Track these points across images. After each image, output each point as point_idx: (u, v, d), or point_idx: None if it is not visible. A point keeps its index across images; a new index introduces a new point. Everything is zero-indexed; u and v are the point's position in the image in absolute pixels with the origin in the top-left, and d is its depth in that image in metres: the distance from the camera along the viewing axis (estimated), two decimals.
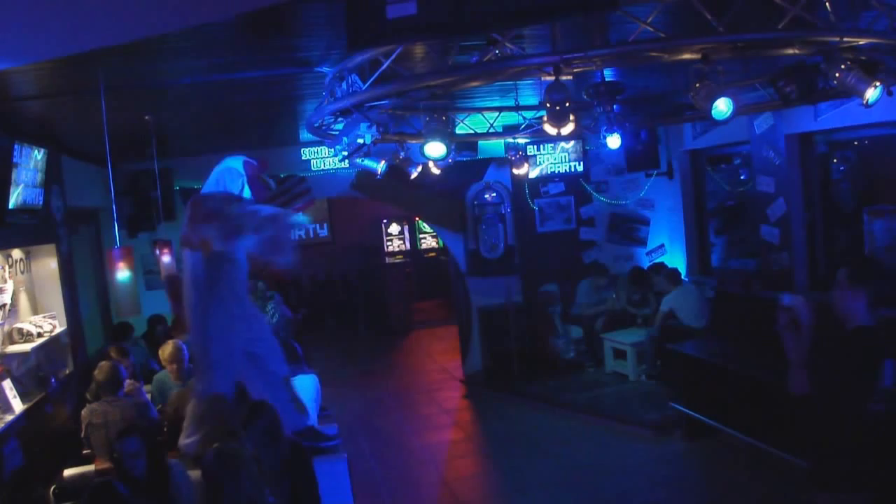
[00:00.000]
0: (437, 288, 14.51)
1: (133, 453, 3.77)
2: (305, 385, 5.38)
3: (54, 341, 5.62)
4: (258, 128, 7.59)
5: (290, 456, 3.87)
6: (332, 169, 9.10)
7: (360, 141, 4.58)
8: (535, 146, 9.15)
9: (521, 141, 8.23)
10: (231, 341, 4.16)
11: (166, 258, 6.71)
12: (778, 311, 3.45)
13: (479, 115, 7.04)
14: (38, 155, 5.29)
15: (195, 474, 4.04)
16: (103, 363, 5.10)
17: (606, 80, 5.14)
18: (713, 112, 4.20)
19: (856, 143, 7.19)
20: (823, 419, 3.32)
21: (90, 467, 4.62)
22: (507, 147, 8.19)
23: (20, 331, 5.27)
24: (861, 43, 4.23)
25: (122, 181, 7.96)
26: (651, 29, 3.75)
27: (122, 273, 4.84)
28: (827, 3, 3.90)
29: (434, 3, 2.81)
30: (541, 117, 5.92)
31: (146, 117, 5.79)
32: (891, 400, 3.20)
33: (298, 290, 14.44)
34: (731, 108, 4.21)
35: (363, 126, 4.50)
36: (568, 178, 9.52)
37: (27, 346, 5.19)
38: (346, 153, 4.78)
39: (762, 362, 5.94)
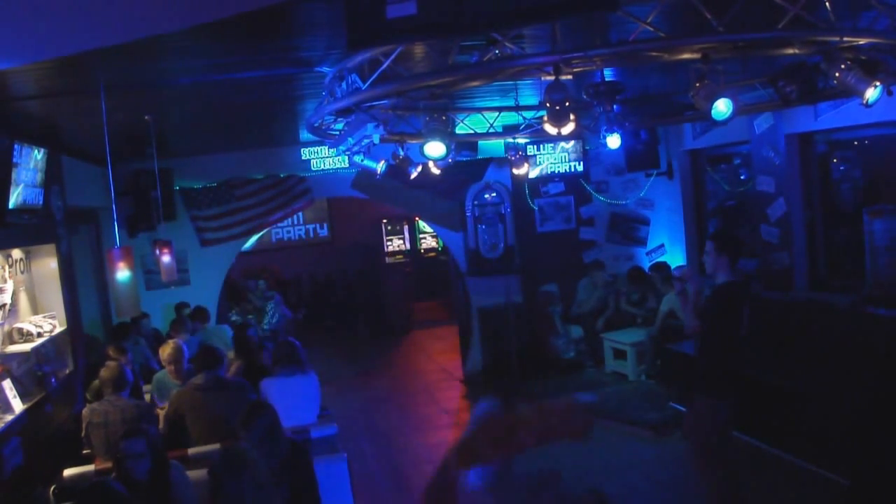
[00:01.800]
0: (437, 288, 14.52)
1: (137, 454, 3.70)
2: (306, 385, 5.38)
3: (54, 341, 5.62)
4: (258, 128, 7.59)
5: (290, 456, 3.87)
6: (332, 169, 9.11)
7: (367, 141, 4.58)
8: (535, 146, 9.15)
9: (521, 141, 8.23)
10: None
11: (166, 258, 6.71)
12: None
13: (479, 115, 7.04)
14: (38, 155, 5.29)
15: (195, 475, 4.04)
16: (111, 362, 5.10)
17: (606, 80, 5.14)
18: (713, 112, 4.19)
19: (856, 143, 7.19)
20: (703, 345, 4.53)
21: (90, 467, 4.61)
22: (507, 147, 8.19)
23: (20, 331, 5.27)
24: (861, 43, 4.24)
25: (122, 181, 7.96)
26: (651, 29, 3.75)
27: (122, 273, 4.84)
28: (827, 3, 3.90)
29: (434, 3, 2.80)
30: (541, 117, 5.91)
31: (146, 117, 5.79)
32: (746, 331, 4.43)
33: (298, 290, 14.46)
34: (731, 108, 4.20)
35: (370, 126, 4.50)
36: (568, 178, 9.52)
37: (27, 346, 5.18)
38: (350, 153, 4.78)
39: (761, 362, 5.95)
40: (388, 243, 15.42)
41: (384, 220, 15.30)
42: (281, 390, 5.14)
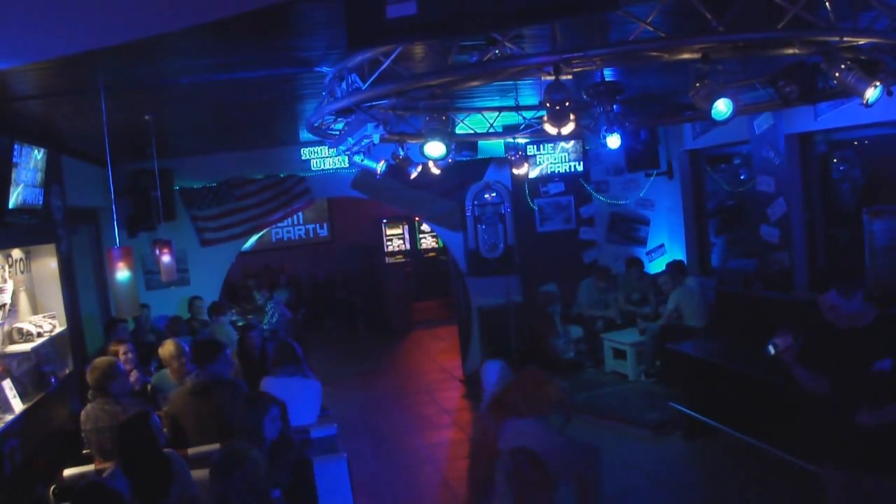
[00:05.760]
0: (437, 288, 14.51)
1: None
2: (306, 387, 5.36)
3: (54, 341, 5.61)
4: (258, 128, 7.59)
5: (295, 462, 3.87)
6: (332, 169, 9.12)
7: (367, 141, 4.59)
8: (535, 146, 9.16)
9: (521, 141, 8.23)
10: None
11: (166, 258, 6.71)
12: (778, 356, 3.77)
13: (479, 115, 7.04)
14: (38, 155, 5.29)
15: (195, 475, 4.04)
16: (96, 361, 5.00)
17: (606, 80, 5.14)
18: (713, 112, 4.19)
19: (856, 143, 7.18)
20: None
21: (90, 467, 4.61)
22: (507, 147, 8.20)
23: (20, 330, 5.26)
24: (861, 43, 4.23)
25: (122, 181, 7.97)
26: (651, 29, 3.75)
27: (122, 273, 4.83)
28: (827, 3, 3.90)
29: (434, 3, 2.80)
30: (541, 117, 5.92)
31: (146, 117, 5.79)
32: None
33: (298, 290, 14.46)
34: (731, 108, 4.20)
35: (370, 126, 4.50)
36: (568, 178, 9.53)
37: (27, 346, 5.18)
38: (350, 153, 4.78)
39: (762, 362, 5.94)
40: (388, 243, 15.42)
41: (384, 220, 15.30)
42: (281, 390, 5.13)
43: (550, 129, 4.25)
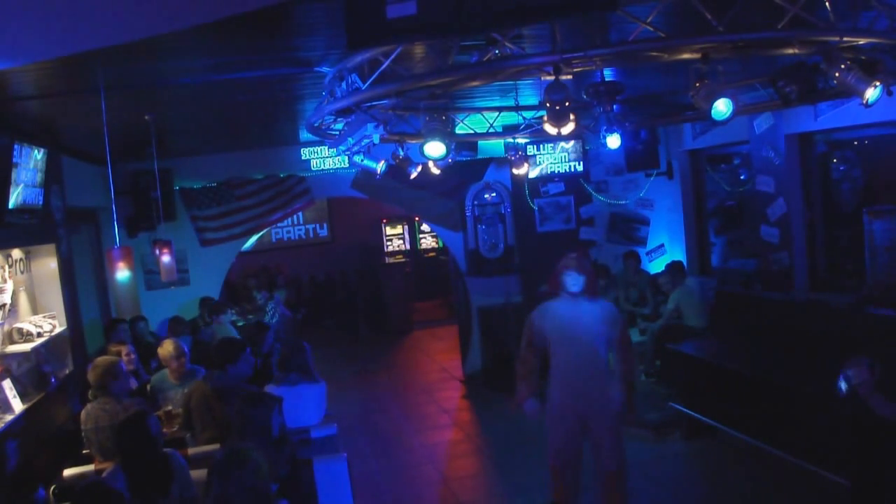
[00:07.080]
0: (437, 288, 14.52)
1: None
2: (311, 393, 5.32)
3: (54, 341, 5.61)
4: (258, 128, 7.59)
5: (288, 455, 3.87)
6: (332, 169, 9.11)
7: (367, 141, 4.59)
8: (535, 146, 9.15)
9: (521, 141, 8.22)
10: None
11: (166, 258, 6.71)
12: (854, 389, 3.65)
13: (479, 115, 7.04)
14: (38, 155, 5.29)
15: (195, 475, 4.04)
16: (97, 360, 4.99)
17: (606, 80, 5.14)
18: (713, 112, 4.19)
19: (856, 143, 7.19)
20: None
21: (90, 467, 4.61)
22: (507, 147, 8.19)
23: (20, 331, 5.26)
24: (861, 43, 4.24)
25: (122, 181, 7.97)
26: (651, 29, 3.75)
27: (122, 273, 4.84)
28: (827, 3, 3.90)
29: (434, 3, 2.80)
30: (541, 117, 5.92)
31: (146, 117, 5.79)
32: None
33: (298, 291, 14.47)
34: (731, 108, 4.20)
35: (370, 126, 4.50)
36: (568, 178, 9.52)
37: (27, 346, 5.18)
38: (350, 153, 4.78)
39: (762, 362, 5.95)
40: (388, 243, 15.42)
41: (384, 220, 15.30)
42: (287, 396, 5.09)
43: (550, 129, 4.25)
